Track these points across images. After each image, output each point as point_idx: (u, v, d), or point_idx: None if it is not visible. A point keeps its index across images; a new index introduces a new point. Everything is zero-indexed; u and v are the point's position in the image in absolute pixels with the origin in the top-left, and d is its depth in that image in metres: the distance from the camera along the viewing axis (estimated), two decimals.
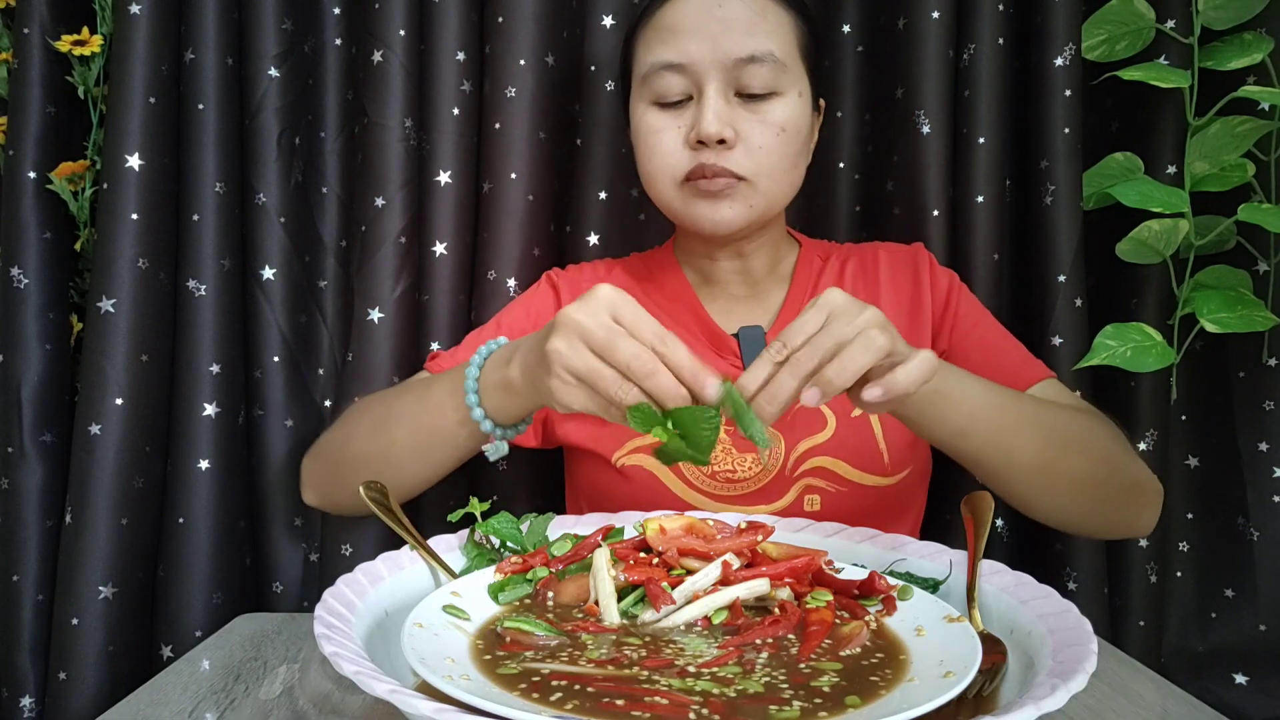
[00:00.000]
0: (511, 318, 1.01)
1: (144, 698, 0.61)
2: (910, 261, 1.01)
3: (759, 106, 0.88)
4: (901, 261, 1.01)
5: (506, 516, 0.70)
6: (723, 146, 0.87)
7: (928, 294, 0.98)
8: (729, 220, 0.89)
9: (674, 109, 0.90)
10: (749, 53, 0.86)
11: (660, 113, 0.90)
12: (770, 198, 0.91)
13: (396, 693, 0.42)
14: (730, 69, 0.87)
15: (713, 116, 0.86)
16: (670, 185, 0.91)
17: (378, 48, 1.05)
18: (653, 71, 0.89)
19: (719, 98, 0.87)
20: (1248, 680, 1.09)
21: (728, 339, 0.97)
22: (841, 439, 0.91)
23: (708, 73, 0.87)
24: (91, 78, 1.05)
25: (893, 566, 0.67)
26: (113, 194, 0.99)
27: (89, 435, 0.98)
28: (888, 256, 1.01)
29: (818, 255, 1.03)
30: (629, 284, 1.02)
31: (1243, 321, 1.03)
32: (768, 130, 0.88)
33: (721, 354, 0.97)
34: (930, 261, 1.01)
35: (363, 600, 0.58)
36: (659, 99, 0.90)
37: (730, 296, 1.00)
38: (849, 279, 1.00)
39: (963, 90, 1.08)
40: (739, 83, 0.87)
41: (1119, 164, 1.10)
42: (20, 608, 1.02)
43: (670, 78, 0.89)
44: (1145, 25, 1.07)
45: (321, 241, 1.15)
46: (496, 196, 1.09)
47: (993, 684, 0.53)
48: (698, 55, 0.87)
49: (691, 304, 0.99)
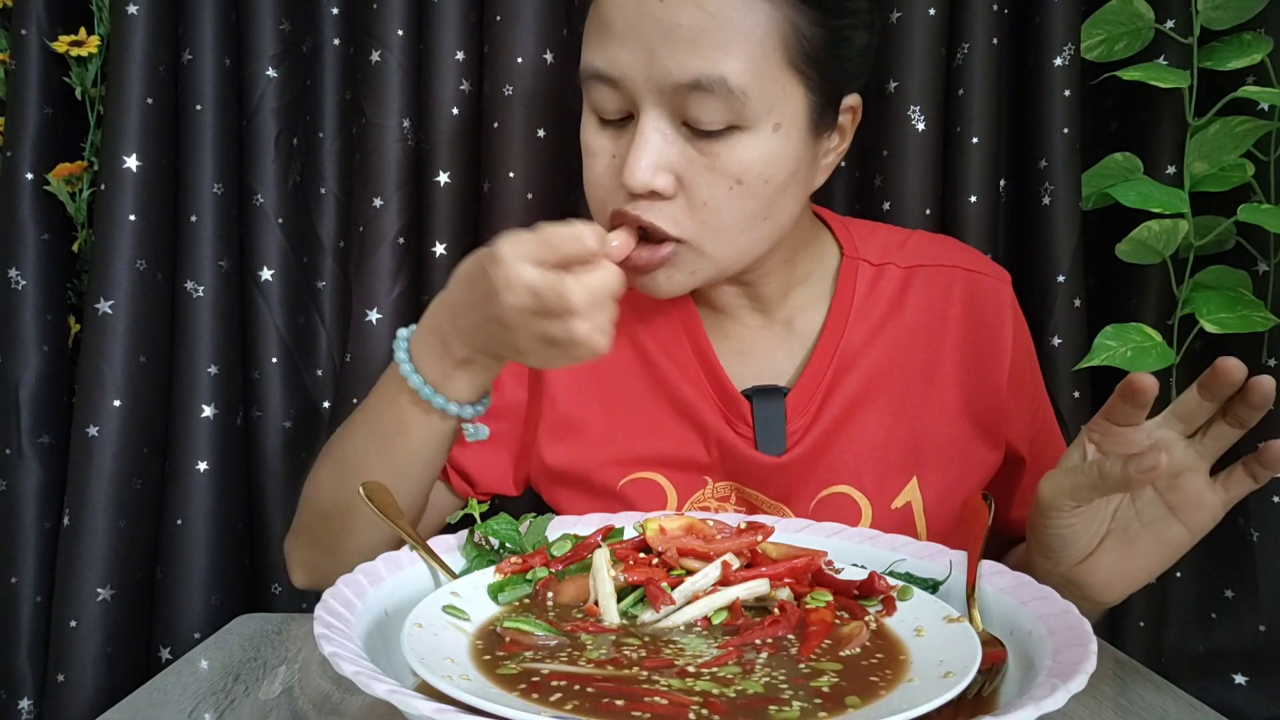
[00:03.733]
0: None
1: (143, 698, 0.61)
2: (993, 304, 0.79)
3: (710, 146, 0.67)
4: (982, 300, 0.80)
5: (505, 518, 0.69)
6: (655, 197, 0.67)
7: (1008, 360, 0.78)
8: (666, 290, 0.72)
9: (614, 126, 0.71)
10: (692, 77, 0.64)
11: (599, 129, 0.72)
12: (723, 262, 0.71)
13: (396, 693, 0.42)
14: (670, 94, 0.65)
15: (637, 161, 0.66)
16: (605, 220, 0.73)
17: (376, 48, 1.05)
18: (585, 78, 0.70)
19: (654, 133, 0.66)
20: (1248, 680, 1.09)
21: (739, 402, 0.78)
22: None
23: (643, 95, 0.66)
24: (89, 78, 1.05)
25: (892, 567, 0.67)
26: (110, 195, 0.99)
27: (87, 437, 0.98)
28: (967, 288, 0.80)
29: (866, 260, 0.81)
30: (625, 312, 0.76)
31: (1242, 322, 1.03)
32: (717, 181, 0.67)
33: (732, 421, 0.78)
34: (1015, 311, 0.81)
35: (362, 600, 0.58)
36: (597, 111, 0.71)
37: (743, 327, 0.81)
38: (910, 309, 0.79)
39: (956, 88, 1.07)
40: (685, 112, 0.66)
41: (1118, 164, 1.10)
42: (18, 609, 1.02)
43: (604, 90, 0.69)
44: (1144, 25, 1.07)
45: (320, 242, 1.15)
46: (496, 196, 1.09)
47: (992, 684, 0.52)
48: (630, 71, 0.66)
49: (700, 345, 0.80)
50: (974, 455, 0.79)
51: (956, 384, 0.79)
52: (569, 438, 0.84)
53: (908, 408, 0.79)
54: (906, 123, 1.06)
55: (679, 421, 0.81)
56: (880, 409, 0.78)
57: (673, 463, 0.81)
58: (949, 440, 0.78)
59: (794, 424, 0.78)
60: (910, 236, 0.85)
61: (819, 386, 0.78)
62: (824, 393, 0.78)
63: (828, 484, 0.78)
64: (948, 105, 1.07)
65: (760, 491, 0.79)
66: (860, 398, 0.78)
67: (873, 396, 0.79)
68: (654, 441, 0.81)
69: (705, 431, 0.80)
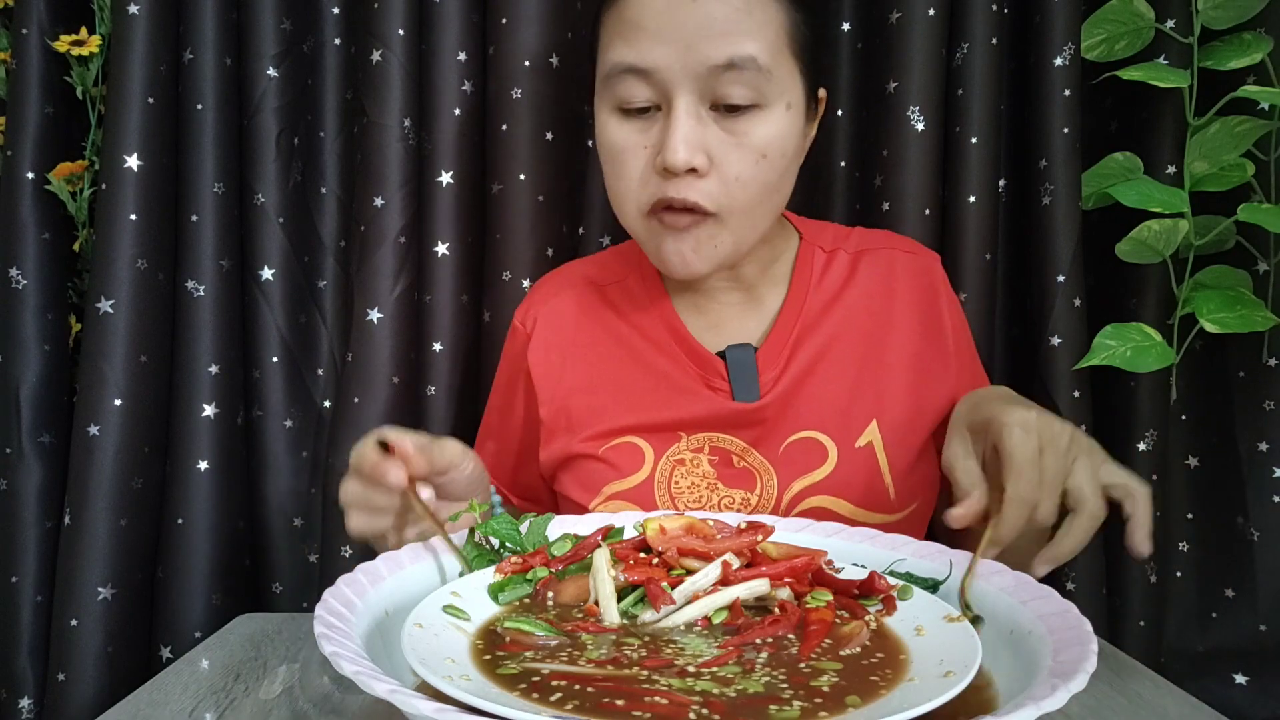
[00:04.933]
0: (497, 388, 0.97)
1: (143, 698, 0.61)
2: (926, 278, 0.90)
3: (737, 124, 0.76)
4: (918, 275, 0.90)
5: (505, 518, 0.69)
6: (693, 175, 0.76)
7: (947, 322, 0.88)
8: (695, 267, 0.80)
9: (640, 118, 0.78)
10: (727, 57, 0.73)
11: (624, 123, 0.78)
12: (740, 236, 0.80)
13: (396, 693, 0.42)
14: (704, 77, 0.74)
15: (678, 142, 0.74)
16: (635, 215, 0.80)
17: (377, 47, 1.05)
18: (614, 73, 0.77)
19: (689, 116, 0.75)
20: (1248, 680, 1.09)
21: (714, 361, 0.86)
22: (844, 476, 0.82)
23: (677, 83, 0.74)
24: (90, 78, 1.05)
25: (893, 566, 0.67)
26: (111, 194, 0.99)
27: (88, 436, 0.98)
28: (905, 267, 0.90)
29: (820, 247, 0.91)
30: (593, 299, 0.92)
31: (1242, 321, 1.03)
32: (746, 156, 0.76)
33: (708, 377, 0.86)
34: (945, 284, 0.91)
35: (363, 600, 0.58)
36: (622, 104, 0.78)
37: (720, 305, 0.89)
38: (859, 284, 0.89)
39: (956, 88, 1.07)
40: (714, 93, 0.75)
41: (1118, 164, 1.10)
42: (19, 609, 1.02)
43: (633, 83, 0.76)
44: (1145, 25, 1.07)
45: (321, 241, 1.15)
46: (507, 197, 1.09)
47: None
48: (665, 61, 0.74)
49: (670, 320, 0.89)
50: (924, 400, 0.86)
51: (906, 344, 0.87)
52: (564, 429, 0.89)
53: (866, 364, 0.87)
54: (906, 123, 1.06)
55: (655, 391, 0.87)
56: (840, 365, 0.86)
57: (650, 427, 0.86)
58: (903, 387, 0.86)
59: (765, 375, 0.85)
60: (853, 231, 0.95)
61: (785, 344, 0.86)
62: (790, 349, 0.86)
63: (796, 429, 0.85)
64: (947, 105, 1.07)
65: (735, 437, 0.85)
66: (822, 354, 0.86)
67: (833, 354, 0.87)
68: (632, 414, 0.87)
69: (681, 394, 0.86)
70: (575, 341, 0.90)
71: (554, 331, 0.91)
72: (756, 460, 0.84)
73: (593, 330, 0.91)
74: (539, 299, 0.93)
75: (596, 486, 0.85)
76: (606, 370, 0.89)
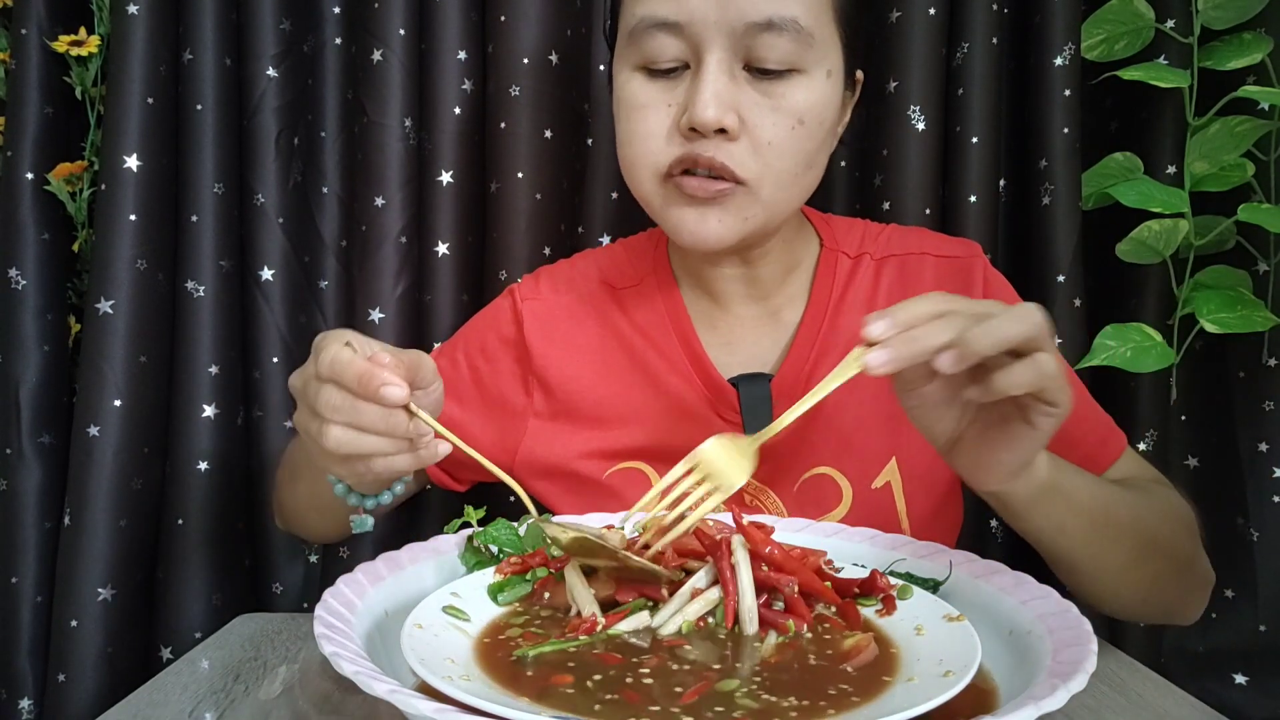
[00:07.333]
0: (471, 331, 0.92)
1: (143, 698, 0.61)
2: (960, 280, 0.82)
3: (773, 87, 0.70)
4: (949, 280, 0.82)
5: (503, 523, 0.69)
6: (722, 137, 0.70)
7: None
8: (716, 236, 0.73)
9: (665, 78, 0.72)
10: (766, 16, 0.67)
11: (647, 82, 0.73)
12: (773, 208, 0.74)
13: (396, 693, 0.42)
14: (740, 35, 0.68)
15: (710, 97, 0.68)
16: (650, 178, 0.74)
17: (377, 47, 1.05)
18: (641, 28, 0.71)
19: (721, 72, 0.69)
20: (1248, 680, 1.09)
21: (727, 390, 0.80)
22: (857, 520, 0.75)
23: (710, 38, 0.69)
24: (89, 78, 1.05)
25: (892, 566, 0.67)
26: (111, 195, 0.99)
27: (88, 437, 0.98)
28: (936, 273, 0.82)
29: (844, 253, 0.84)
30: (603, 299, 0.87)
31: (1242, 321, 1.03)
32: (781, 121, 0.70)
33: (720, 408, 0.81)
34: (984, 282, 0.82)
35: (362, 600, 0.58)
36: (647, 63, 0.72)
37: (734, 317, 0.84)
38: (882, 297, 0.81)
39: (956, 88, 1.07)
40: (750, 54, 0.69)
41: (1118, 164, 1.10)
42: (19, 609, 1.02)
43: (662, 38, 0.70)
44: (1145, 25, 1.07)
45: (321, 241, 1.15)
46: (504, 196, 1.09)
47: None
48: (699, 13, 0.68)
49: (686, 335, 0.82)
50: None
51: None
52: (558, 431, 0.85)
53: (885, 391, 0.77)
54: (906, 122, 1.06)
55: (665, 412, 0.82)
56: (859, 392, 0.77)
57: (658, 453, 0.82)
58: None
59: (780, 409, 0.79)
60: (885, 230, 0.88)
61: (802, 371, 0.80)
62: (806, 378, 0.80)
63: (810, 466, 0.80)
64: (948, 105, 1.07)
65: None
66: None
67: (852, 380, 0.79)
68: (639, 433, 0.83)
69: (691, 421, 0.81)
70: (579, 341, 0.86)
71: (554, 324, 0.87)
72: (771, 502, 0.80)
73: (601, 332, 0.86)
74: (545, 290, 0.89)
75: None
76: (616, 379, 0.85)
